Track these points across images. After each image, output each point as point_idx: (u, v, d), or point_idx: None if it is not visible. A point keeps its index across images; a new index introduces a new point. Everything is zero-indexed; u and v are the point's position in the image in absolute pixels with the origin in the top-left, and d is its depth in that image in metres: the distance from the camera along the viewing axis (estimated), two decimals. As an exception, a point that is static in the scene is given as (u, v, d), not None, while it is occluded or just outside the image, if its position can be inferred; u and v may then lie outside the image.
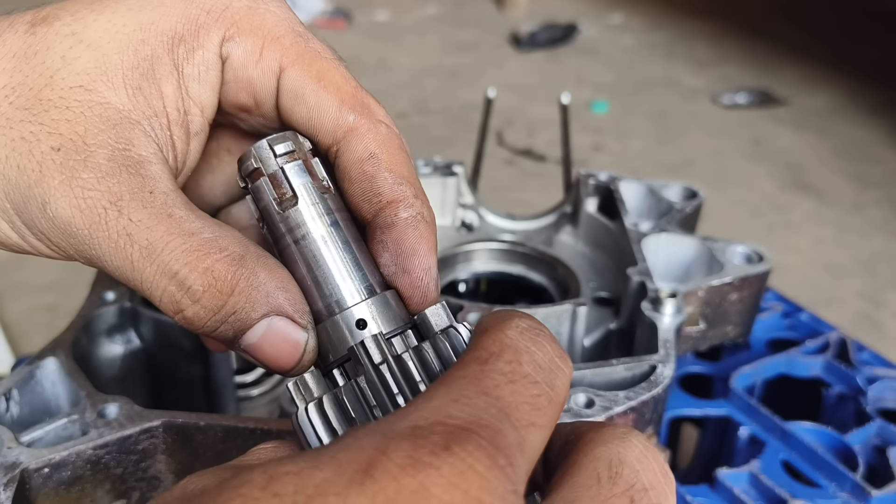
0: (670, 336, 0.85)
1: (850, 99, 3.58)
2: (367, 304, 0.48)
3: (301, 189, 0.49)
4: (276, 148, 0.49)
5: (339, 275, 0.48)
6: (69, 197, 0.46)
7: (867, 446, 0.98)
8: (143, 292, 0.47)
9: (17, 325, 1.92)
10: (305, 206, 0.49)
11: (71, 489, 0.66)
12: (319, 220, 0.49)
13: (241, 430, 0.69)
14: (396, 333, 0.48)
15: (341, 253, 0.49)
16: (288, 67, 0.51)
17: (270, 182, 0.49)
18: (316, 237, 0.49)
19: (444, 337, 0.46)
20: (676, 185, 1.16)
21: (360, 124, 0.51)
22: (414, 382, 0.44)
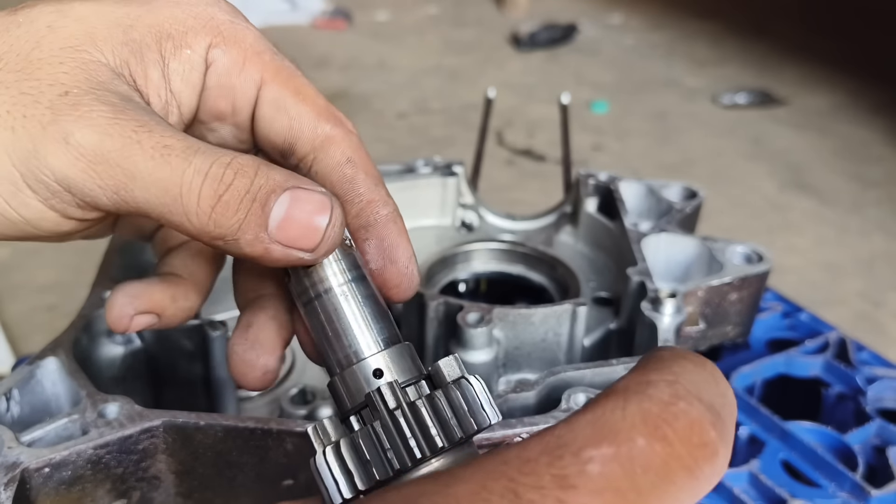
0: (670, 336, 0.85)
1: (850, 99, 3.58)
2: (384, 355, 0.51)
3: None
4: None
5: (359, 327, 0.51)
6: (93, 126, 0.46)
7: (867, 446, 0.99)
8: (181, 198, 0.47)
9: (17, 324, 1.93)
10: (329, 262, 0.52)
11: (71, 489, 0.66)
12: (342, 276, 0.52)
13: (241, 429, 0.69)
14: (411, 383, 0.51)
15: (361, 307, 0.52)
16: (269, 81, 0.54)
17: None
18: (338, 292, 0.52)
19: (456, 387, 0.48)
20: (676, 185, 1.16)
21: (336, 133, 0.55)
22: (426, 428, 0.47)
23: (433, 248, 1.14)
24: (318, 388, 0.96)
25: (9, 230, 0.49)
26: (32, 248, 2.22)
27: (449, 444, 0.47)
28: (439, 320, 0.91)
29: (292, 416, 0.90)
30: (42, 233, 0.49)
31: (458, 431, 0.47)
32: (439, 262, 1.11)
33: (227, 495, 0.72)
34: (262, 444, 0.69)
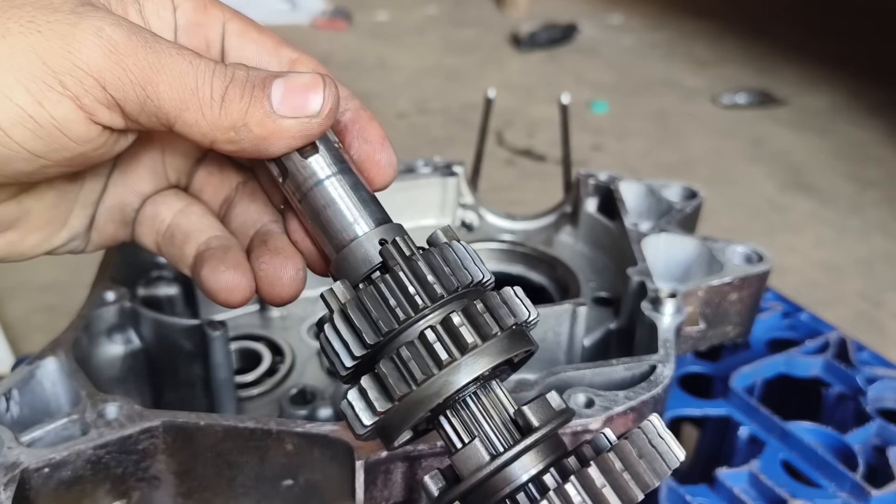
0: (670, 336, 0.85)
1: (849, 99, 3.58)
2: (384, 229, 0.56)
3: (318, 141, 0.57)
4: None
5: (350, 210, 0.56)
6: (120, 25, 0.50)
7: (867, 446, 0.98)
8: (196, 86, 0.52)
9: (17, 325, 1.92)
10: (316, 158, 0.56)
11: (71, 489, 0.66)
12: (335, 166, 0.57)
13: (241, 430, 0.69)
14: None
15: (350, 193, 0.57)
16: (231, 18, 0.61)
17: None
18: (327, 183, 0.56)
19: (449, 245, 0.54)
20: (676, 185, 1.16)
21: (300, 56, 0.61)
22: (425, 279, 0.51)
23: (433, 248, 1.14)
24: (318, 388, 0.96)
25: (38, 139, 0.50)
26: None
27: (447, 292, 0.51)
28: (439, 320, 0.91)
29: (292, 417, 0.90)
30: (71, 139, 0.51)
31: (454, 281, 0.52)
32: (439, 262, 1.11)
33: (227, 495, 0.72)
34: (262, 444, 0.69)
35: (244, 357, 1.03)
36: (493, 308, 0.51)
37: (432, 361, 0.49)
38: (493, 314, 0.51)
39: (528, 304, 0.54)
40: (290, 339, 1.06)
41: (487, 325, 0.50)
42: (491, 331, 0.50)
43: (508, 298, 0.53)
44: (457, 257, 0.53)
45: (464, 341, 0.49)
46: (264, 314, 1.11)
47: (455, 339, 0.50)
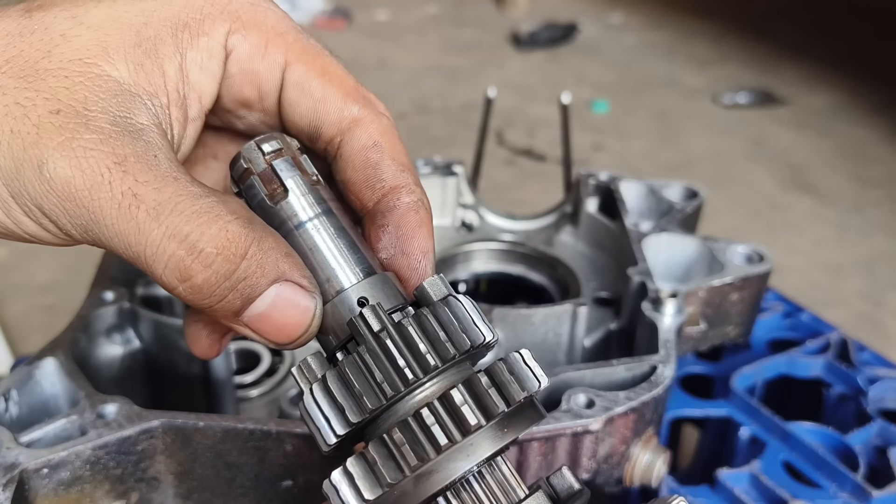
0: (671, 336, 0.85)
1: (850, 99, 3.58)
2: (366, 284, 0.48)
3: (290, 182, 0.49)
4: (264, 147, 0.50)
5: (335, 259, 0.49)
6: (69, 157, 0.43)
7: (868, 447, 0.98)
8: (146, 260, 0.44)
9: (16, 325, 1.92)
10: (296, 198, 0.49)
11: (70, 489, 0.66)
12: (311, 210, 0.49)
13: (240, 430, 0.69)
14: (396, 309, 0.48)
15: (335, 239, 0.49)
16: (293, 62, 0.52)
17: (261, 179, 0.50)
18: (308, 226, 0.49)
19: (444, 304, 0.46)
20: (677, 184, 1.16)
21: (364, 115, 0.53)
22: (415, 347, 0.44)
23: (433, 248, 1.14)
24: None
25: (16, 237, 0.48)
26: (31, 248, 2.22)
27: (442, 362, 0.44)
28: (439, 320, 0.90)
29: (291, 418, 0.90)
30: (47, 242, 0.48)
31: (451, 348, 0.44)
32: (439, 262, 1.11)
33: (226, 496, 0.72)
34: (261, 444, 0.69)
35: (243, 357, 1.03)
36: (500, 383, 0.44)
37: (430, 446, 0.43)
38: (501, 390, 0.44)
39: (539, 372, 0.47)
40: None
41: (493, 403, 0.44)
42: (497, 409, 0.44)
43: (517, 369, 0.45)
44: (453, 318, 0.45)
45: (466, 423, 0.43)
46: (264, 314, 1.11)
47: (456, 420, 0.43)
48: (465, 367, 0.48)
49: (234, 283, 0.45)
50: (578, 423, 0.72)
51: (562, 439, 0.72)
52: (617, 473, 0.78)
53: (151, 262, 0.44)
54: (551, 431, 0.71)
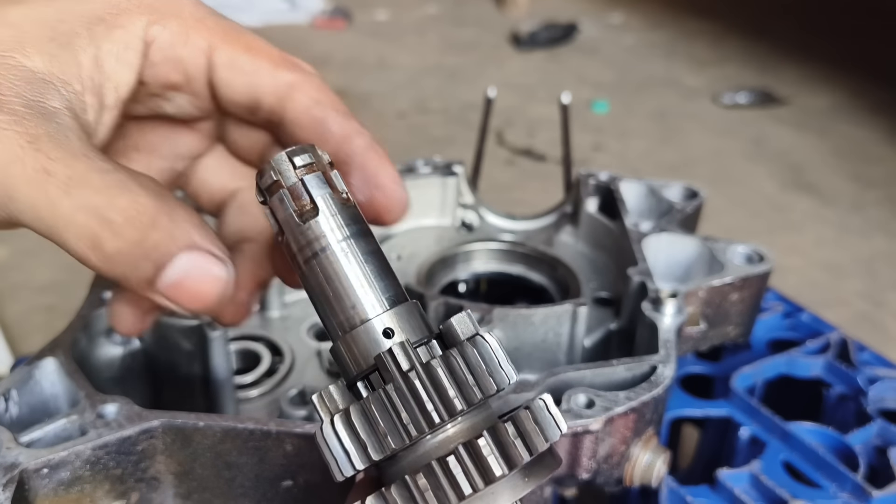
0: (671, 336, 0.85)
1: (850, 99, 3.58)
2: (392, 314, 0.47)
3: (321, 200, 0.48)
4: (296, 159, 0.49)
5: (362, 286, 0.48)
6: None
7: (868, 447, 0.98)
8: (58, 232, 0.46)
9: (16, 325, 1.92)
10: (325, 218, 0.48)
11: (70, 490, 0.66)
12: (340, 232, 0.48)
13: (240, 430, 0.69)
14: (422, 343, 0.48)
15: (363, 264, 0.48)
16: (219, 45, 0.55)
17: (290, 194, 0.48)
18: (336, 249, 0.48)
19: (472, 344, 0.45)
20: (677, 184, 1.16)
21: (298, 79, 0.56)
22: (444, 390, 0.44)
23: (433, 248, 1.14)
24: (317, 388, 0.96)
25: None
26: (31, 248, 2.22)
27: (468, 406, 0.44)
28: (439, 320, 0.91)
29: (291, 418, 0.90)
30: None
31: (478, 392, 0.44)
32: (439, 262, 1.11)
33: (226, 496, 0.72)
34: (261, 444, 0.69)
35: (243, 358, 1.03)
36: (524, 433, 0.45)
37: (453, 493, 0.43)
38: (525, 439, 0.44)
39: (560, 420, 0.46)
40: (289, 339, 1.05)
41: (518, 453, 0.44)
42: (521, 459, 0.44)
43: (541, 417, 0.46)
44: (480, 361, 0.45)
45: (491, 473, 0.43)
46: (264, 315, 1.11)
47: (481, 469, 0.43)
48: (486, 406, 0.48)
49: (145, 252, 0.46)
50: (578, 423, 0.72)
51: (561, 439, 0.72)
52: (617, 473, 0.78)
53: (63, 234, 0.46)
54: (551, 431, 0.71)
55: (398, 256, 1.11)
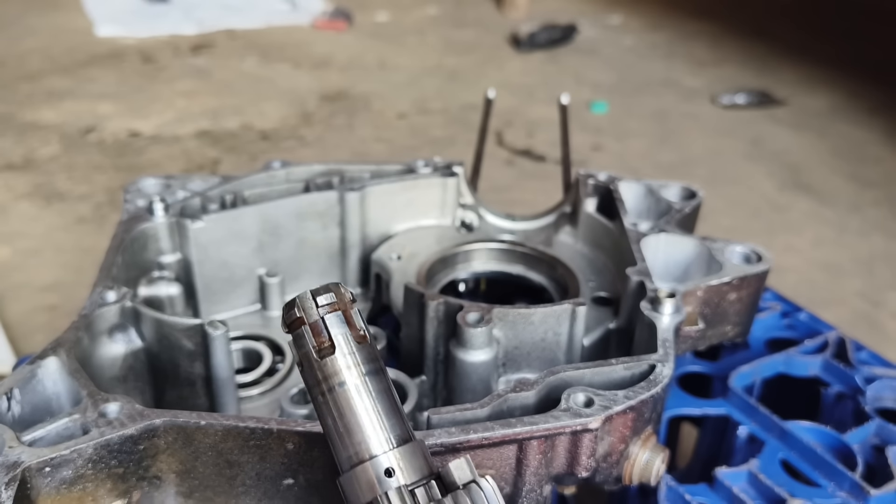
0: (669, 335, 0.85)
1: (849, 99, 3.58)
2: (395, 454, 0.51)
3: (339, 338, 0.52)
4: (319, 299, 0.53)
5: (371, 424, 0.52)
6: None
7: (866, 445, 0.99)
8: None
9: (18, 324, 1.92)
10: (342, 356, 0.52)
11: (72, 488, 0.67)
12: (355, 370, 0.52)
13: (241, 429, 0.69)
14: (420, 484, 0.51)
15: (374, 403, 0.52)
16: None
17: (311, 330, 0.53)
18: (350, 386, 0.52)
19: (466, 493, 0.49)
20: (675, 185, 1.16)
21: None
22: None
23: (433, 248, 1.14)
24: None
25: None
26: (34, 248, 2.22)
27: None
28: (439, 320, 0.91)
29: (293, 416, 0.90)
30: None
31: None
32: (439, 261, 1.12)
33: (228, 494, 0.72)
34: (263, 443, 0.70)
35: (245, 357, 1.04)
36: None
37: None
38: None
39: None
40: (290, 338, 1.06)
41: None
42: None
43: None
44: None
45: None
46: (265, 314, 1.11)
47: None
48: None
49: None
50: (577, 421, 0.72)
51: (561, 438, 0.73)
52: (616, 472, 0.78)
53: None
54: (550, 430, 0.72)
55: (398, 256, 1.12)
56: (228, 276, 1.08)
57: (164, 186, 1.10)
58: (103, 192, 2.54)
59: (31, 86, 3.34)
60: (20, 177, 2.62)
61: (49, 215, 2.39)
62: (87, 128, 3.00)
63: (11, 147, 2.82)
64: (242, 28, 4.12)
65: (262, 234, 1.08)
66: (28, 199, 2.48)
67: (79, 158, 2.76)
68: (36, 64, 3.56)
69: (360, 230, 1.14)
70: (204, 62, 3.74)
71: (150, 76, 3.54)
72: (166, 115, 3.15)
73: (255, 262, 1.09)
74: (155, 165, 2.74)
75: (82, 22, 4.12)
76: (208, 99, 3.32)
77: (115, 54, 3.75)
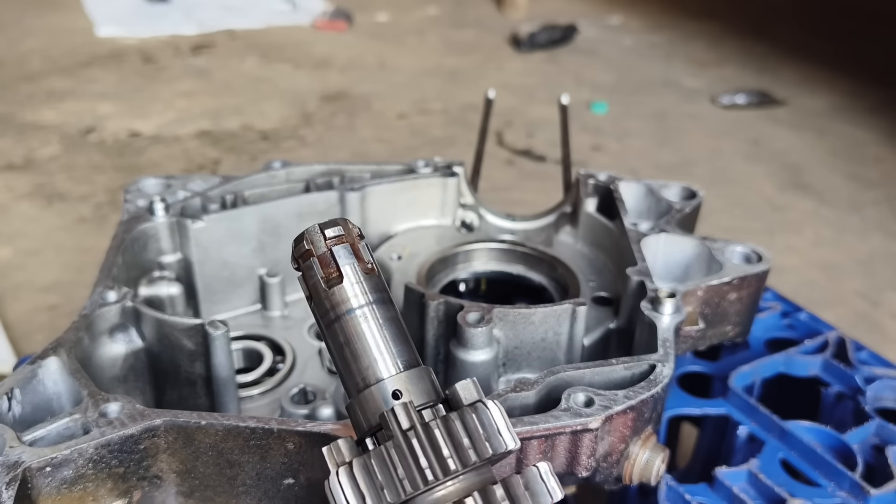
0: (669, 335, 0.85)
1: (848, 100, 3.59)
2: (402, 377, 0.52)
3: (347, 269, 0.53)
4: (327, 231, 0.54)
5: (378, 349, 0.53)
6: None
7: (866, 445, 0.99)
8: None
9: (19, 324, 1.93)
10: (350, 285, 0.53)
11: (73, 488, 0.67)
12: (362, 298, 0.53)
13: (242, 429, 0.69)
14: (427, 406, 0.52)
15: (381, 329, 0.53)
16: None
17: (319, 262, 0.54)
18: (358, 313, 0.53)
19: (472, 410, 0.49)
20: (675, 185, 1.16)
21: None
22: (439, 450, 0.47)
23: (433, 248, 1.14)
24: (318, 387, 0.97)
25: None
26: (34, 248, 2.23)
27: (463, 467, 0.47)
28: (440, 319, 0.91)
29: (293, 416, 0.90)
30: None
31: (473, 455, 0.47)
32: (439, 261, 1.12)
33: (228, 494, 0.73)
34: (263, 443, 0.70)
35: (245, 356, 1.04)
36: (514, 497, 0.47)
37: None
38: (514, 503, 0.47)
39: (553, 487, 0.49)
40: (291, 338, 1.06)
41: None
42: None
43: (534, 484, 0.48)
44: (478, 426, 0.48)
45: None
46: (266, 314, 1.11)
47: None
48: (486, 469, 0.50)
49: None
50: (578, 421, 0.72)
51: (561, 437, 0.73)
52: (616, 471, 0.79)
53: None
54: (551, 430, 0.72)
55: (398, 256, 1.12)
56: (229, 276, 1.08)
57: (165, 186, 1.10)
58: (104, 192, 2.54)
59: (31, 86, 3.34)
60: (21, 177, 2.62)
61: (49, 215, 2.39)
62: (87, 128, 3.00)
63: (12, 147, 2.82)
64: (243, 28, 4.12)
65: (263, 234, 1.08)
66: (28, 200, 2.48)
67: (79, 158, 2.76)
68: (36, 64, 3.57)
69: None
70: (204, 62, 3.74)
71: (150, 76, 3.55)
72: (166, 115, 3.15)
73: (256, 262, 1.10)
74: (155, 165, 2.75)
75: (83, 22, 4.12)
76: (208, 99, 3.32)
77: (115, 54, 3.75)
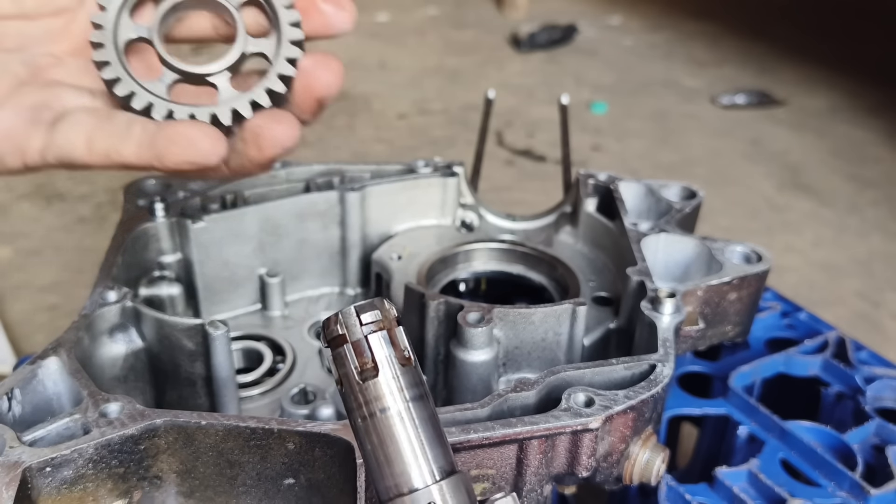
0: (669, 335, 0.85)
1: (848, 100, 3.59)
2: (439, 488, 0.49)
3: (383, 361, 0.50)
4: (363, 317, 0.50)
5: (414, 454, 0.49)
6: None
7: (866, 445, 0.99)
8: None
9: (19, 324, 1.93)
10: (385, 380, 0.49)
11: (73, 488, 0.67)
12: (399, 395, 0.50)
13: (242, 429, 0.69)
14: None
15: (417, 431, 0.50)
16: None
17: (353, 350, 0.50)
18: (393, 413, 0.49)
19: None
20: (675, 185, 1.16)
21: None
22: None
23: (433, 248, 1.14)
24: (319, 387, 0.97)
25: None
26: (34, 248, 2.22)
27: None
28: (440, 320, 0.91)
29: (293, 416, 0.90)
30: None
31: None
32: (439, 261, 1.12)
33: (229, 494, 0.73)
34: (264, 443, 0.70)
35: (246, 357, 1.04)
36: None
37: None
38: None
39: None
40: (291, 338, 1.06)
41: None
42: None
43: None
44: None
45: None
46: (266, 314, 1.11)
47: None
48: None
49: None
50: (578, 421, 0.72)
51: (561, 437, 0.73)
52: (616, 472, 0.79)
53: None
54: (551, 430, 0.72)
55: (398, 256, 1.12)
56: (229, 276, 1.08)
57: (165, 186, 1.10)
58: (104, 192, 2.54)
59: (31, 86, 3.34)
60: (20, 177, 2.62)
61: (49, 215, 2.39)
62: (87, 128, 3.00)
63: (11, 147, 2.82)
64: (242, 28, 4.11)
65: (263, 233, 1.08)
66: (28, 200, 2.48)
67: (79, 159, 2.76)
68: (36, 64, 3.56)
69: (361, 230, 1.14)
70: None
71: (150, 76, 3.54)
72: (166, 115, 3.15)
73: (256, 262, 1.10)
74: (155, 166, 2.74)
75: (82, 22, 4.11)
76: (208, 99, 3.31)
77: (114, 54, 3.74)
